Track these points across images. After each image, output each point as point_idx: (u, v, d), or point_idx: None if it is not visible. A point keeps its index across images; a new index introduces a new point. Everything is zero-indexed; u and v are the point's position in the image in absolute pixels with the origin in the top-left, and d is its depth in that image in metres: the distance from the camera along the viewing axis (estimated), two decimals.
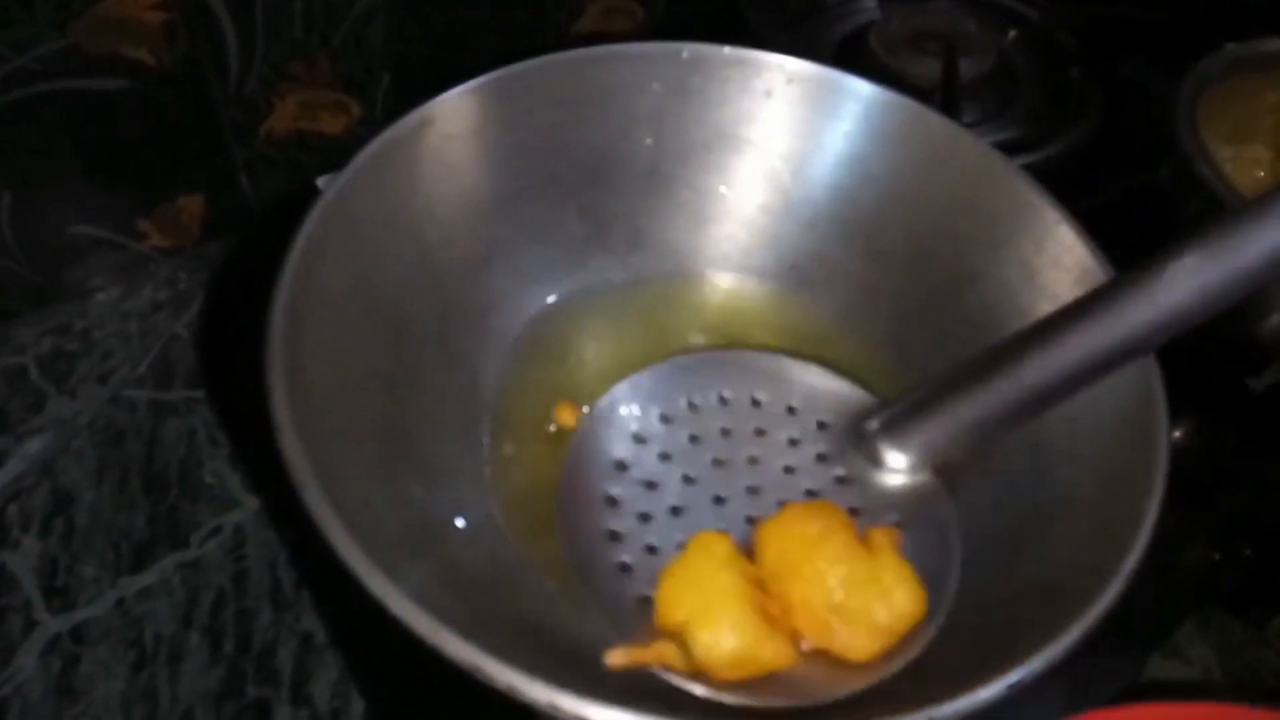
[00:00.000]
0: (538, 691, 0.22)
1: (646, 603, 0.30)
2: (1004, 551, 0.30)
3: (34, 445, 0.44)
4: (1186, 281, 0.26)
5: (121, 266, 0.50)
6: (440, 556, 0.28)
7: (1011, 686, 0.24)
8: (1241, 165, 0.47)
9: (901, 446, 0.32)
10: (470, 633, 0.23)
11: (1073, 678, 0.36)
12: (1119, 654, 0.39)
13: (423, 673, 0.25)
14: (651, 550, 0.31)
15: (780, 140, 0.38)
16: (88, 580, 0.40)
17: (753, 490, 0.33)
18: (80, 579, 0.40)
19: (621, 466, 0.33)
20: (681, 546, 0.30)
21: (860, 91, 0.37)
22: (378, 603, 0.24)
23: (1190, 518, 0.41)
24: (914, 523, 0.32)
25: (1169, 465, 0.28)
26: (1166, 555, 0.40)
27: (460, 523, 0.31)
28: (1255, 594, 0.41)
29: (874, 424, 0.33)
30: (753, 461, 0.33)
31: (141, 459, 0.44)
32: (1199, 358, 0.43)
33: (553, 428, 0.35)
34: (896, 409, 0.33)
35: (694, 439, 0.34)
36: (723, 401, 0.35)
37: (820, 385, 0.35)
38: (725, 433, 0.34)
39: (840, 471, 0.33)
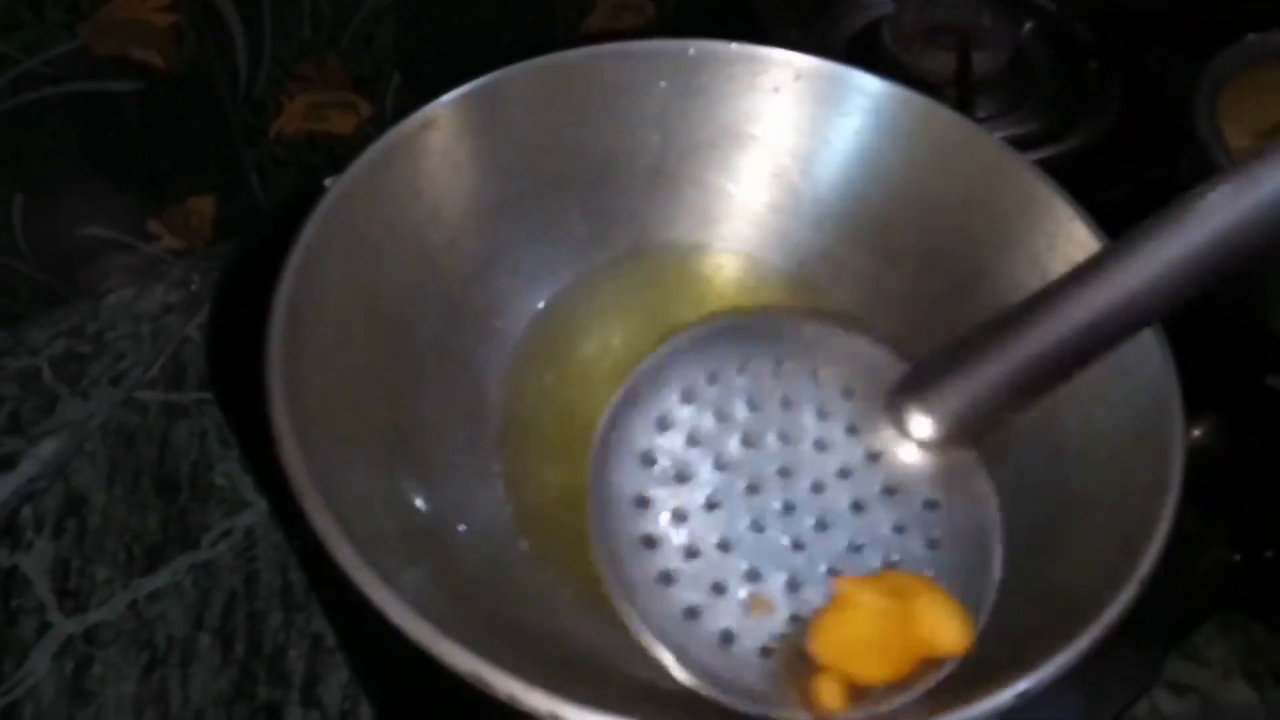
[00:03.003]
0: (538, 700, 0.22)
1: (693, 613, 0.28)
2: (1017, 555, 0.30)
3: (47, 447, 0.44)
4: (1221, 211, 0.24)
5: (133, 268, 0.50)
6: (442, 561, 0.28)
7: (1020, 695, 0.24)
8: None
9: (927, 411, 0.31)
10: (471, 640, 0.23)
11: (1090, 679, 0.35)
12: (1137, 656, 0.38)
13: (430, 677, 0.25)
14: (692, 554, 0.29)
15: (788, 137, 0.37)
16: (100, 582, 0.40)
17: (785, 472, 0.31)
18: (92, 581, 0.40)
19: (648, 460, 0.31)
20: (722, 547, 0.29)
21: (869, 87, 0.36)
22: (377, 610, 0.23)
23: (1210, 519, 0.41)
24: (949, 501, 0.31)
25: (1185, 467, 0.28)
26: (1186, 557, 0.40)
27: (462, 528, 0.30)
28: (1276, 596, 0.41)
29: (898, 388, 0.31)
30: (784, 439, 0.32)
31: (153, 461, 0.44)
32: (1218, 356, 0.42)
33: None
34: (917, 371, 0.31)
35: (720, 417, 0.32)
36: (743, 372, 0.32)
37: (845, 348, 0.33)
38: (752, 406, 0.32)
39: (871, 446, 0.31)
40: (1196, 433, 0.43)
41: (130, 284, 0.50)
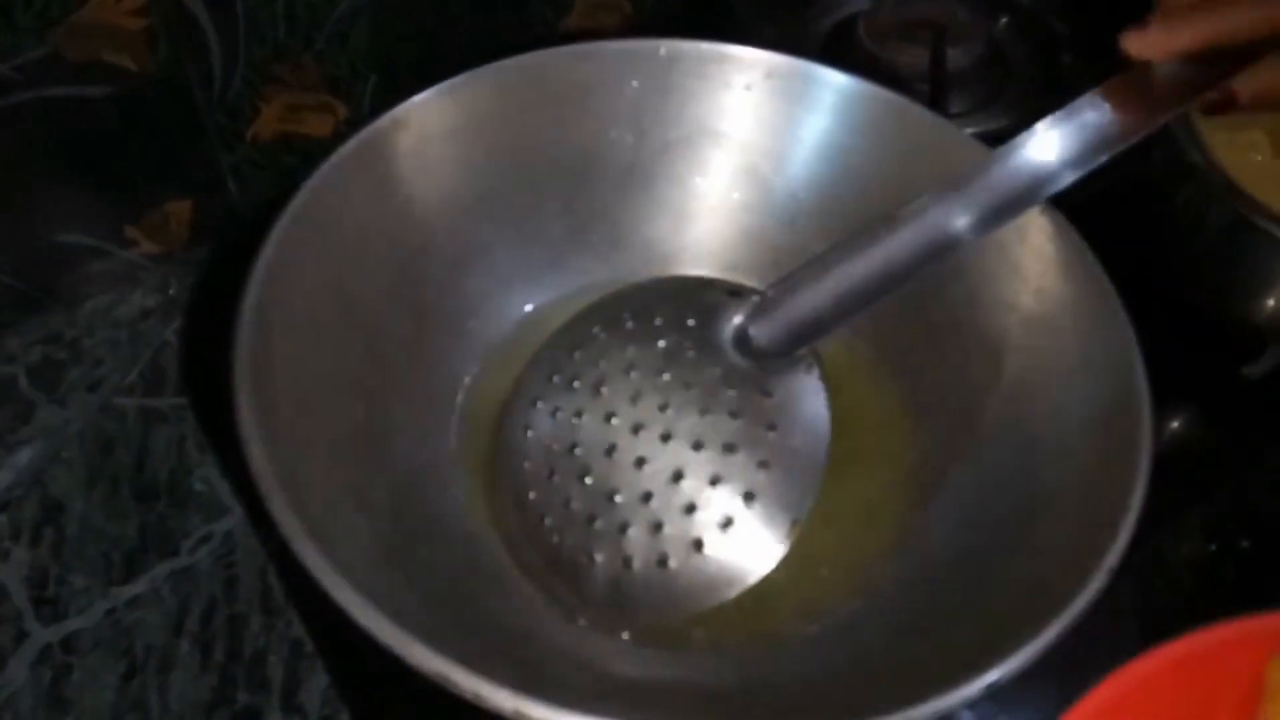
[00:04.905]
0: (503, 699, 0.22)
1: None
2: (988, 547, 0.30)
3: (24, 455, 0.43)
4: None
5: (110, 274, 0.50)
6: (413, 564, 0.28)
7: (989, 685, 0.24)
8: (1237, 150, 0.46)
9: (768, 330, 0.34)
10: (439, 641, 0.23)
11: (1067, 672, 0.36)
12: (1114, 647, 0.38)
13: (409, 682, 0.25)
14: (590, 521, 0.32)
15: (760, 135, 0.38)
16: (78, 590, 0.40)
17: (663, 408, 0.33)
18: (71, 589, 0.40)
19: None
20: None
21: (839, 84, 0.37)
22: (342, 609, 0.23)
23: (1187, 509, 0.41)
24: (788, 407, 0.33)
25: (1153, 459, 0.28)
26: (1163, 547, 0.40)
27: (436, 530, 0.30)
28: (1252, 586, 0.41)
29: (740, 316, 0.34)
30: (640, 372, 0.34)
31: (131, 467, 0.43)
32: (1194, 346, 0.42)
33: None
34: (760, 300, 0.34)
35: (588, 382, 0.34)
36: (596, 337, 0.35)
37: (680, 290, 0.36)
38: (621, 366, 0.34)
39: (717, 370, 0.34)
40: (1174, 424, 0.43)
41: (107, 290, 0.49)
